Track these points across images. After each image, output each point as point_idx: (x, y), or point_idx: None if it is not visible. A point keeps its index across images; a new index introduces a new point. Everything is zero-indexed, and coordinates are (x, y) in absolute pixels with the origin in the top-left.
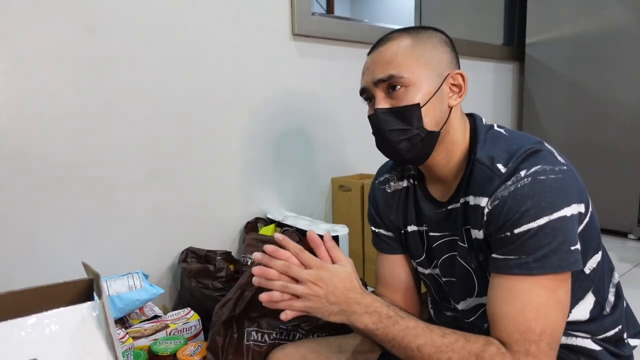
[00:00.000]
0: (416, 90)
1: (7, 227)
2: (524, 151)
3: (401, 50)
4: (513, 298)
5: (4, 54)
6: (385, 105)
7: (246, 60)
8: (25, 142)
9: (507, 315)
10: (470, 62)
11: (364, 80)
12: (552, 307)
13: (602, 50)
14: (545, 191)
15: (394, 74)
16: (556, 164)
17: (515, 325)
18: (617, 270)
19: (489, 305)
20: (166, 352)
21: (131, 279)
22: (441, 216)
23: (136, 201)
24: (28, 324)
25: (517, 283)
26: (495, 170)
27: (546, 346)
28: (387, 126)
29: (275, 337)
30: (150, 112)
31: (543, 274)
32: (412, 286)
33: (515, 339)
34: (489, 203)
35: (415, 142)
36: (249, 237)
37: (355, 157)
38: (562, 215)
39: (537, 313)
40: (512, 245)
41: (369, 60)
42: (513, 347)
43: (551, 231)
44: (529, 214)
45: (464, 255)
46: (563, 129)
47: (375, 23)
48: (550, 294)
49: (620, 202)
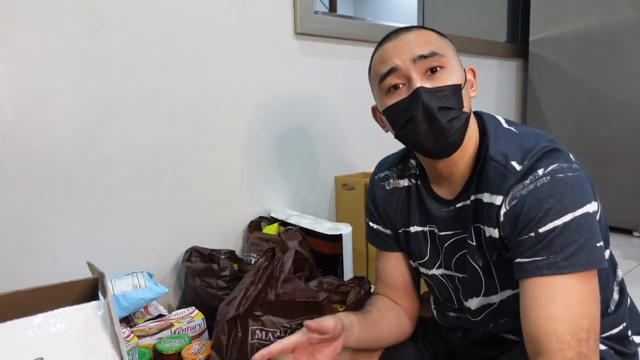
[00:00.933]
0: (453, 72)
1: (13, 227)
2: (539, 149)
3: (433, 36)
4: (555, 297)
5: (8, 56)
6: (427, 85)
7: (249, 59)
8: (30, 143)
9: (553, 316)
10: (473, 59)
11: (395, 59)
12: (592, 301)
13: (606, 47)
14: (567, 189)
15: (436, 51)
16: (572, 163)
17: (565, 326)
18: (622, 267)
19: (526, 315)
20: (171, 351)
21: (136, 278)
22: (450, 214)
23: (140, 201)
24: (34, 324)
25: (552, 283)
26: (510, 167)
27: (594, 343)
28: (435, 105)
29: (279, 335)
30: (153, 112)
31: (573, 272)
32: (411, 284)
33: (567, 342)
34: (506, 202)
35: (460, 123)
36: (253, 236)
37: (358, 156)
38: (585, 211)
39: (582, 309)
40: (538, 246)
41: (393, 43)
42: (566, 354)
43: (577, 228)
44: (552, 211)
45: (472, 253)
46: (567, 126)
47: (378, 21)
48: (587, 288)
49: (625, 199)
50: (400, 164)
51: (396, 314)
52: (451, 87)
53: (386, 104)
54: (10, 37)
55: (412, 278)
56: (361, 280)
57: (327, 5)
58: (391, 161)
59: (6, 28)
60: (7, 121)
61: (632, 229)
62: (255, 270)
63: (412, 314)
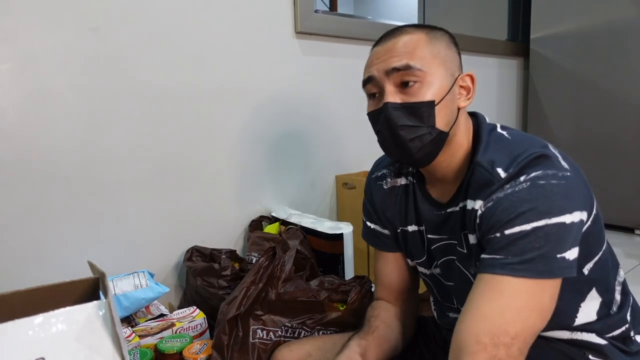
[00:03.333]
0: (430, 87)
1: (13, 227)
2: (526, 156)
3: (419, 43)
4: (495, 298)
5: (9, 55)
6: (396, 100)
7: (249, 58)
8: (31, 142)
9: (484, 316)
10: (474, 58)
11: (372, 69)
12: (534, 311)
13: (607, 45)
14: (545, 196)
15: (411, 65)
16: (559, 170)
17: (488, 327)
18: (623, 266)
19: (466, 304)
20: (172, 351)
21: (137, 277)
22: (440, 219)
23: (141, 200)
24: (35, 323)
25: (500, 284)
26: (495, 174)
27: (517, 350)
28: (398, 122)
29: (281, 334)
30: (154, 111)
31: (527, 277)
32: (412, 285)
33: (484, 344)
34: (483, 205)
35: (426, 141)
36: (254, 235)
37: (359, 155)
38: (560, 221)
39: (517, 316)
40: (500, 245)
41: (379, 49)
42: (478, 357)
43: (544, 235)
44: (524, 216)
45: (463, 260)
46: (568, 124)
47: (379, 20)
48: (534, 298)
49: (627, 198)
50: (397, 163)
51: (402, 320)
52: (421, 104)
53: (368, 109)
54: (11, 37)
55: (411, 278)
56: (362, 279)
57: (327, 4)
58: (388, 160)
59: (7, 28)
60: (7, 121)
61: (633, 228)
62: (256, 269)
63: (414, 315)
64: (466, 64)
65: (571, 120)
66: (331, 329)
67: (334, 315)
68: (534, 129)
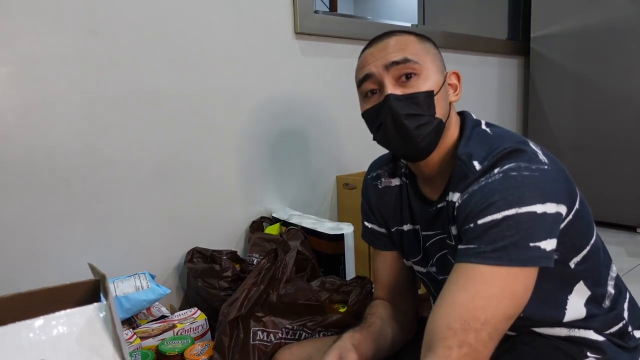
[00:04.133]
0: (427, 79)
1: (14, 229)
2: (502, 149)
3: (410, 41)
4: (467, 286)
5: (9, 58)
6: (398, 92)
7: (249, 59)
8: (31, 144)
9: (456, 303)
10: (474, 57)
11: (370, 66)
12: (506, 299)
13: (607, 44)
14: (516, 186)
15: (409, 58)
16: (534, 163)
17: (459, 313)
18: (625, 265)
19: (441, 293)
20: (173, 352)
21: (138, 279)
22: (431, 215)
23: (142, 202)
24: (36, 326)
25: (473, 272)
26: (471, 167)
27: (486, 335)
28: (402, 111)
29: (281, 336)
30: (154, 113)
31: (500, 265)
32: (410, 284)
33: (454, 330)
34: (460, 197)
35: (429, 129)
36: (255, 236)
37: (360, 155)
38: (531, 210)
39: (488, 303)
40: (473, 235)
41: (372, 50)
42: (448, 342)
43: (515, 224)
44: (495, 205)
45: (453, 253)
46: (569, 123)
47: (379, 20)
48: (506, 285)
49: (628, 196)
50: (392, 163)
51: (399, 319)
52: (422, 93)
53: (363, 108)
54: (11, 39)
55: (409, 277)
56: (363, 279)
57: (327, 5)
58: (383, 160)
59: (7, 30)
60: (8, 123)
61: (635, 226)
62: (258, 271)
63: (413, 314)
64: (466, 63)
65: (571, 118)
66: (332, 330)
67: (335, 317)
68: (534, 128)
